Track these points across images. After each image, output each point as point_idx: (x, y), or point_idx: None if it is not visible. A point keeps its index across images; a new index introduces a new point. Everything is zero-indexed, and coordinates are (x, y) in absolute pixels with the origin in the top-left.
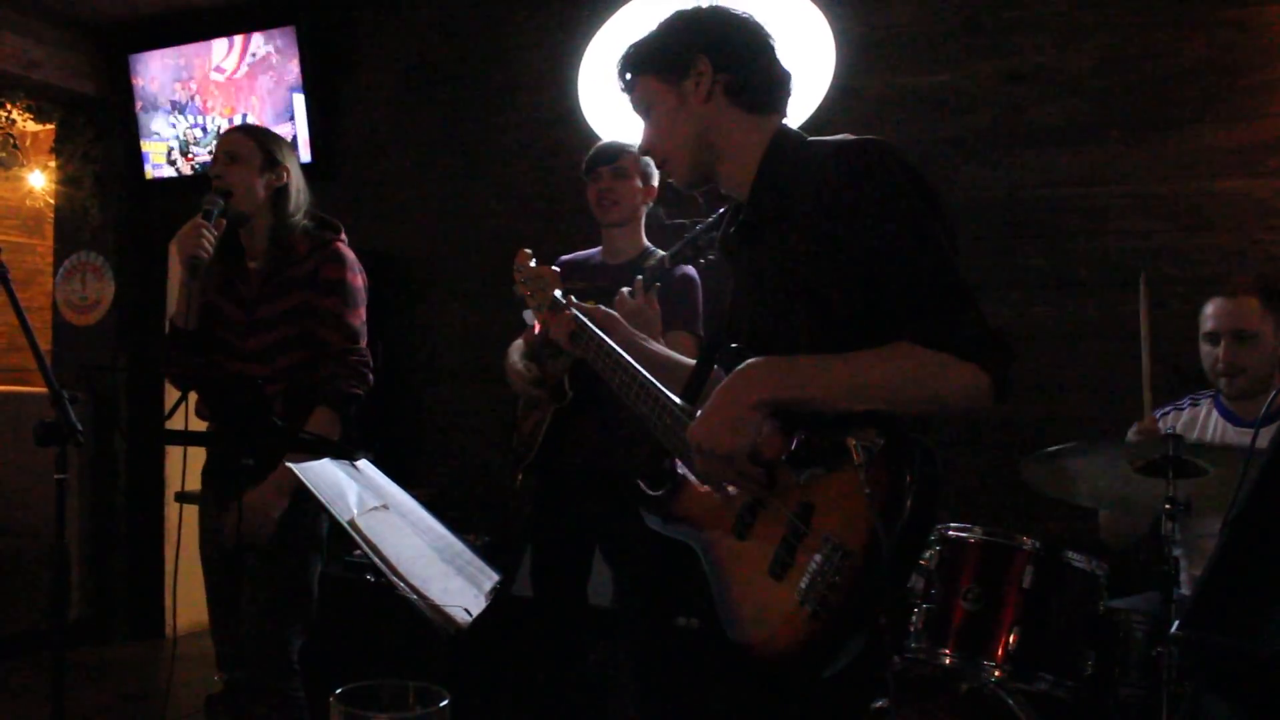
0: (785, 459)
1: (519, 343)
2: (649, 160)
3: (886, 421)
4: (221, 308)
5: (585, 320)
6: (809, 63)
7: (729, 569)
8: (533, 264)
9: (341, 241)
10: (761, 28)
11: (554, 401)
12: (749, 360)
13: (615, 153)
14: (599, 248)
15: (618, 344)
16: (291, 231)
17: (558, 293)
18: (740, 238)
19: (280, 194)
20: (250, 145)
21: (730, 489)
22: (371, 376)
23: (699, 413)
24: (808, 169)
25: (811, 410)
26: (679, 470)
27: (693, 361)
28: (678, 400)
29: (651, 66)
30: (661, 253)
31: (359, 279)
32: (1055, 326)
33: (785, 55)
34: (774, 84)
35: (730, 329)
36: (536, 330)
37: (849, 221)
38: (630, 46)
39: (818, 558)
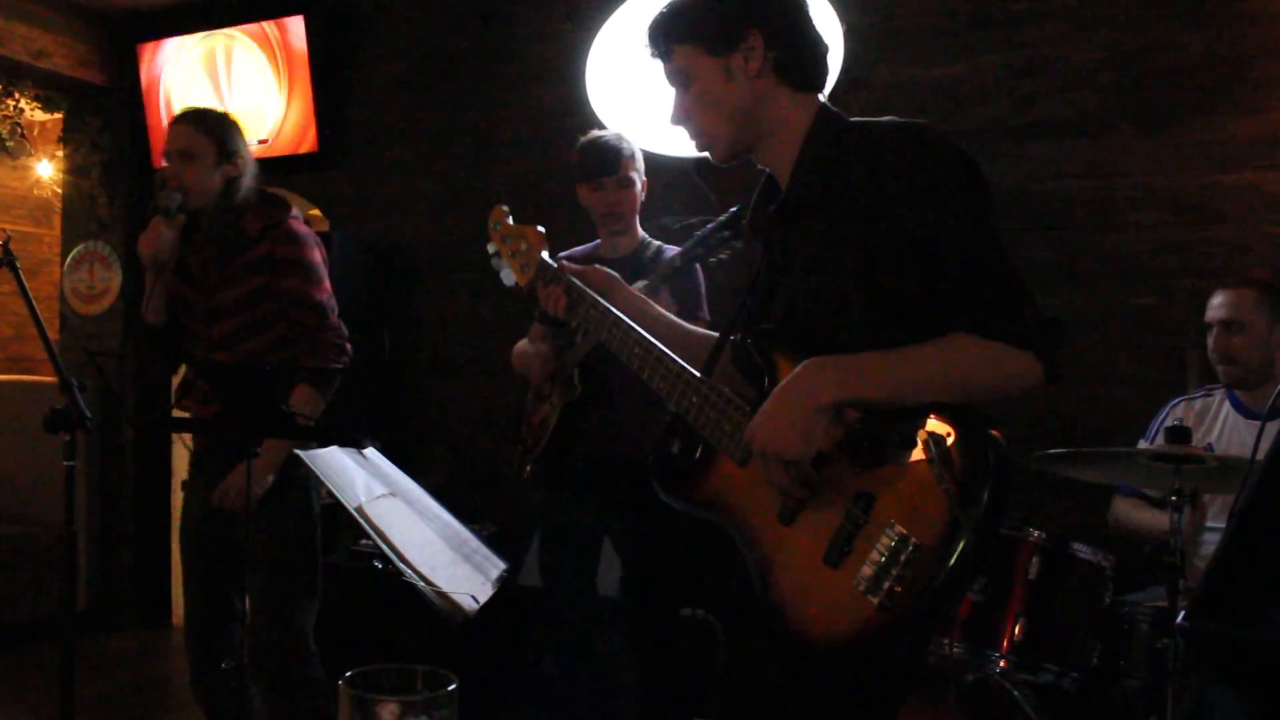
0: (838, 447)
1: (526, 342)
2: (640, 154)
3: (952, 412)
4: (185, 296)
5: (584, 287)
6: None
7: (775, 555)
8: (510, 221)
9: (295, 219)
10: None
11: (564, 395)
12: (808, 361)
13: (615, 161)
14: (595, 242)
15: (620, 309)
16: (239, 215)
17: (545, 255)
18: (778, 217)
19: (233, 183)
20: (204, 142)
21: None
22: (349, 348)
23: (759, 413)
24: (857, 151)
25: (874, 407)
26: (703, 448)
27: (695, 329)
28: (698, 374)
29: (696, 36)
30: (657, 243)
31: (317, 254)
32: (1062, 319)
33: (822, 26)
34: (819, 61)
35: (761, 309)
36: (524, 292)
37: (908, 207)
38: (669, 11)
39: (882, 548)
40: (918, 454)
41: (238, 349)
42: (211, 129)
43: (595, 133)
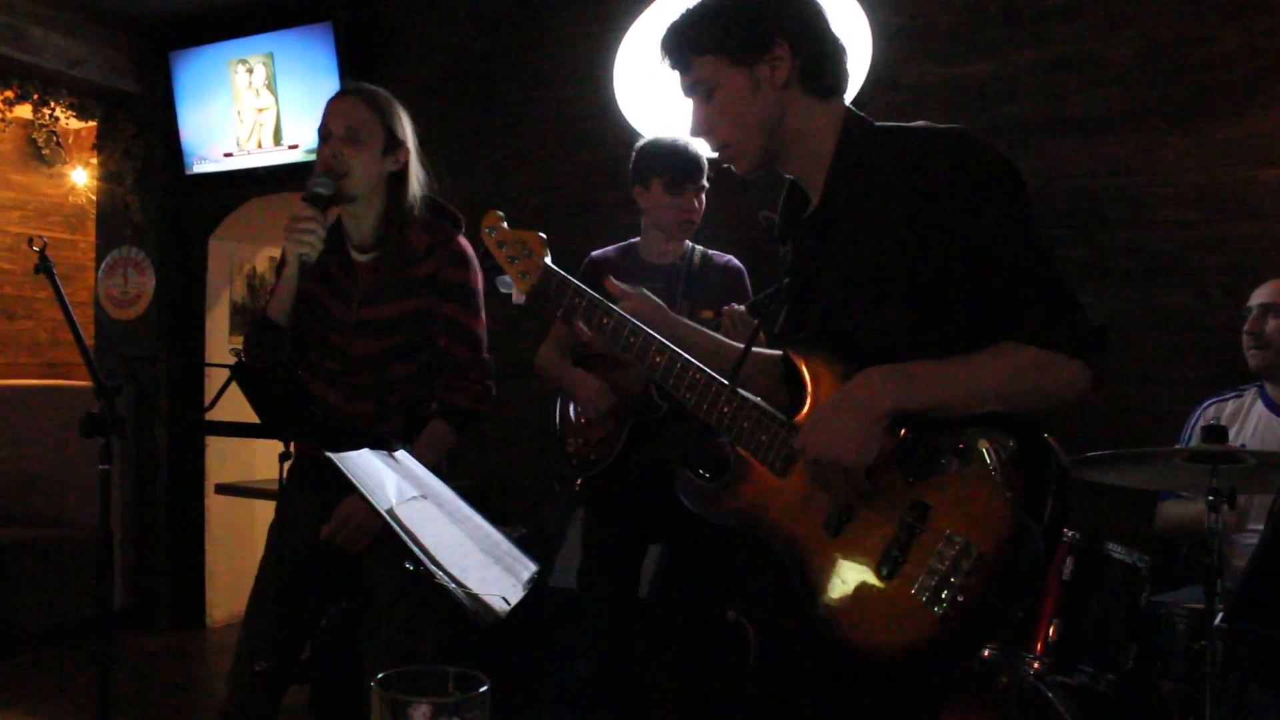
0: (888, 456)
1: (547, 346)
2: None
3: (1009, 419)
4: (323, 302)
5: (594, 294)
6: None
7: (822, 565)
8: (505, 225)
9: (462, 236)
10: (819, 3)
11: (642, 414)
12: (866, 370)
13: (700, 168)
14: (630, 242)
15: (634, 317)
16: (409, 224)
17: (548, 260)
18: (812, 225)
19: (398, 178)
20: (374, 123)
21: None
22: (494, 390)
23: (811, 420)
24: (896, 158)
25: (929, 416)
26: (735, 459)
27: (724, 339)
28: (727, 384)
29: (720, 47)
30: (701, 248)
31: (479, 279)
32: (1095, 318)
33: (841, 29)
34: (841, 66)
35: (791, 317)
36: (522, 300)
37: (957, 216)
38: (687, 21)
39: (941, 558)
40: (975, 462)
41: (385, 371)
42: (381, 108)
43: (662, 137)
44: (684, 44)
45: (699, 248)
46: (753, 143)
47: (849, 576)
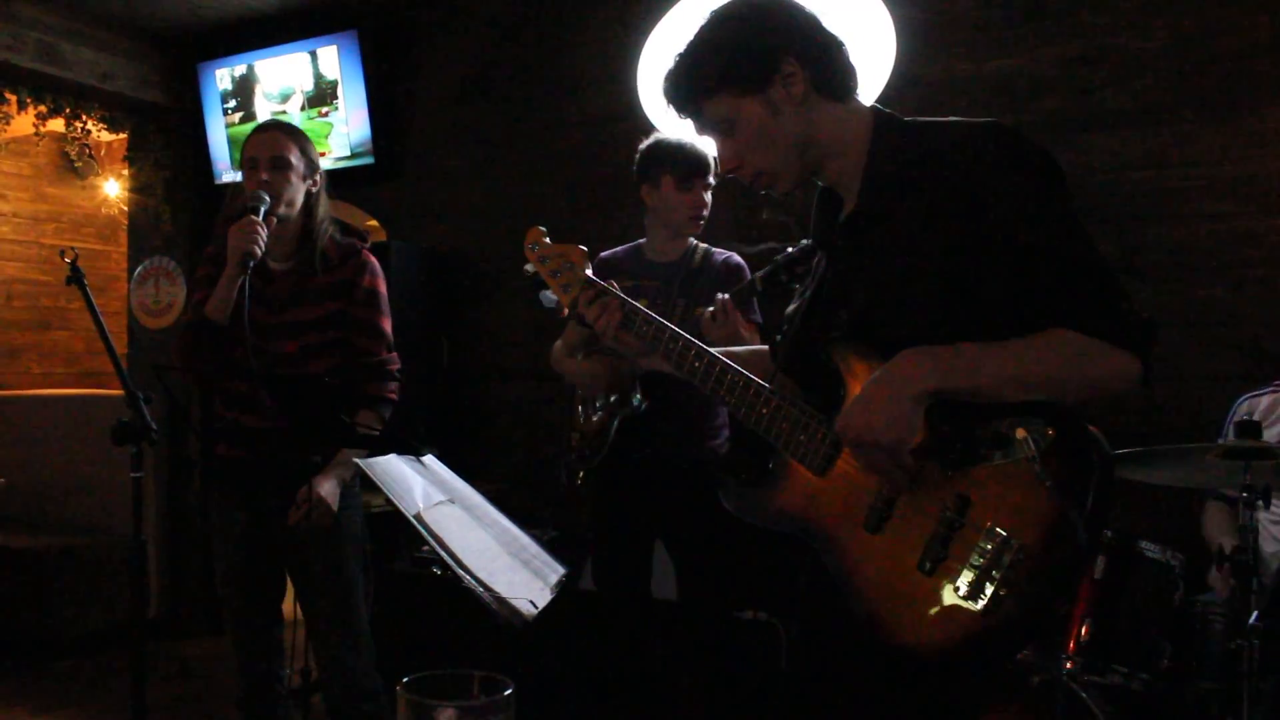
0: (926, 449)
1: (561, 344)
2: None
3: (1048, 409)
4: (241, 306)
5: (636, 304)
6: (869, 51)
7: (863, 564)
8: (547, 240)
9: (369, 250)
10: (811, 7)
11: (623, 409)
12: (906, 350)
13: (708, 163)
14: (635, 244)
15: None
16: (322, 237)
17: (589, 272)
18: (848, 228)
19: (313, 199)
20: (295, 150)
21: (864, 482)
22: (401, 379)
23: (852, 401)
24: (931, 155)
25: (971, 400)
26: (774, 460)
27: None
28: (766, 386)
29: (727, 81)
30: (704, 245)
31: (384, 284)
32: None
33: (836, 26)
34: (848, 63)
35: (825, 319)
36: (565, 313)
37: (1003, 211)
38: (685, 66)
39: (982, 552)
40: (1015, 453)
41: (301, 369)
42: (300, 140)
43: (664, 135)
44: (689, 90)
45: (702, 245)
46: (789, 165)
47: (890, 575)
